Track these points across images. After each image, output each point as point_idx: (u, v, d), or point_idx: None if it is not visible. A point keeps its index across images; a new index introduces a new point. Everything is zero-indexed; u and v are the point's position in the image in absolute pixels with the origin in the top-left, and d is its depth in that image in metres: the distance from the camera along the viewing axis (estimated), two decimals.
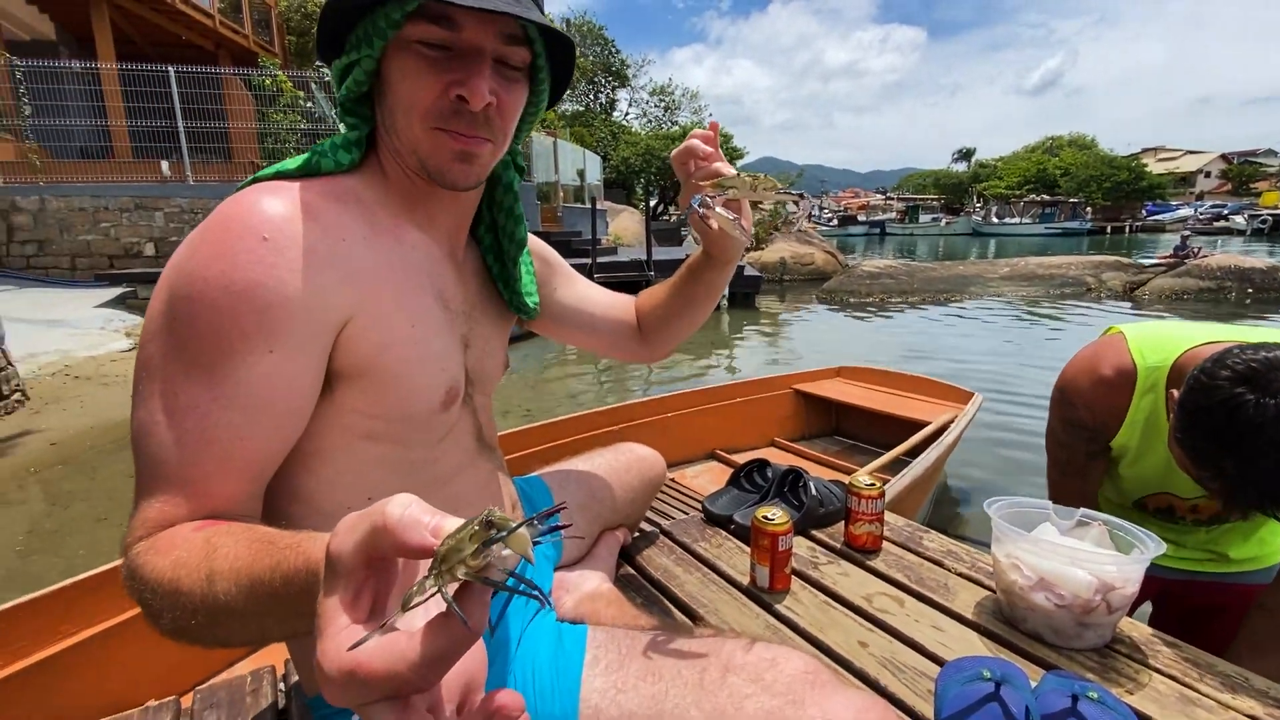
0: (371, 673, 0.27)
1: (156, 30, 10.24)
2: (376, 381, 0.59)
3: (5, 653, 0.96)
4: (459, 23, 0.56)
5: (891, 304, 9.87)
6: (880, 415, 2.51)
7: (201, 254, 0.51)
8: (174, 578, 0.44)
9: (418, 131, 0.59)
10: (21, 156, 7.65)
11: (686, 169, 0.74)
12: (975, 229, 45.34)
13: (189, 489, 0.50)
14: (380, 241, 0.60)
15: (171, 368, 0.50)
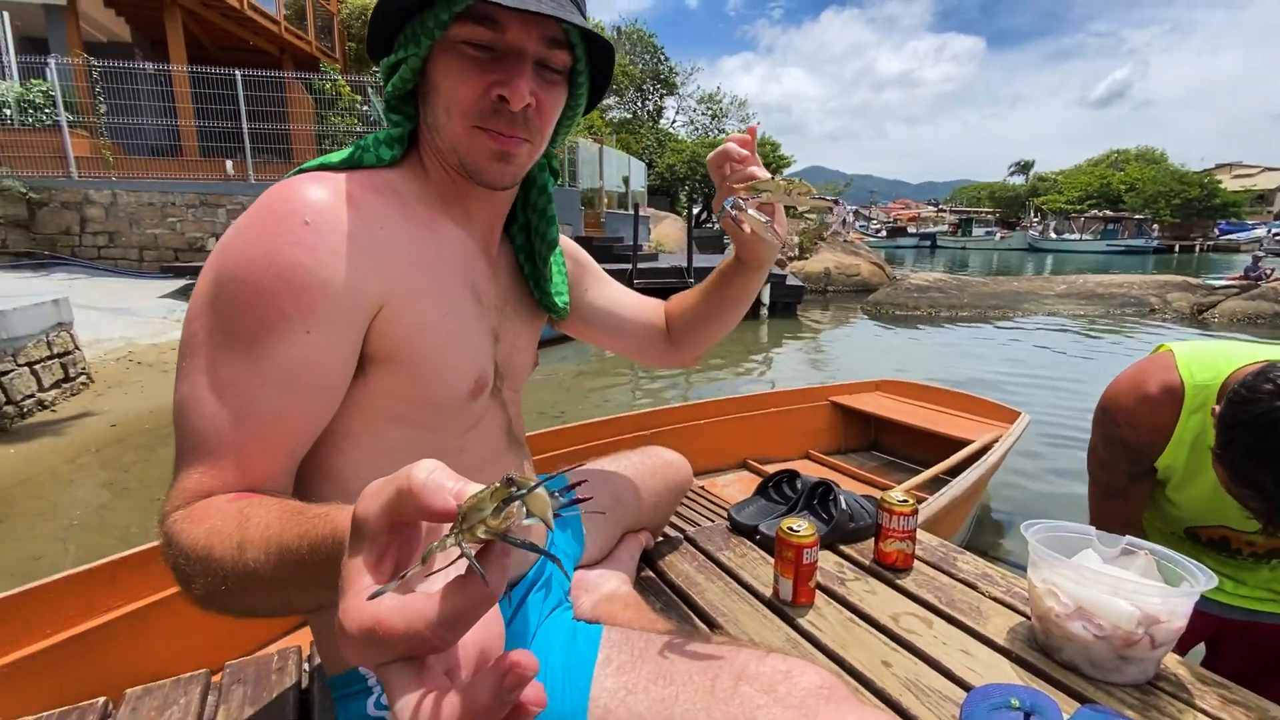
0: (390, 631, 0.27)
1: (225, 35, 10.77)
2: (407, 366, 0.60)
3: (54, 621, 1.02)
4: (503, 24, 0.57)
5: (940, 319, 9.61)
6: (920, 432, 2.44)
7: (246, 236, 0.53)
8: (207, 545, 0.45)
9: (459, 129, 0.60)
10: (96, 152, 8.13)
11: (722, 172, 0.73)
12: (1031, 244, 43.85)
13: (226, 461, 0.52)
14: (416, 232, 0.62)
15: (214, 344, 0.52)
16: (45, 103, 7.98)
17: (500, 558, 0.28)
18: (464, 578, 0.27)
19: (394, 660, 0.28)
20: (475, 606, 0.27)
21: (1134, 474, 1.09)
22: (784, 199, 0.71)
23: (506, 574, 0.28)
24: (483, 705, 0.26)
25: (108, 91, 8.38)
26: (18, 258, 7.62)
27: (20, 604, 0.99)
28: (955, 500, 1.74)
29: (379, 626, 0.27)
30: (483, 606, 0.27)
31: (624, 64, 24.58)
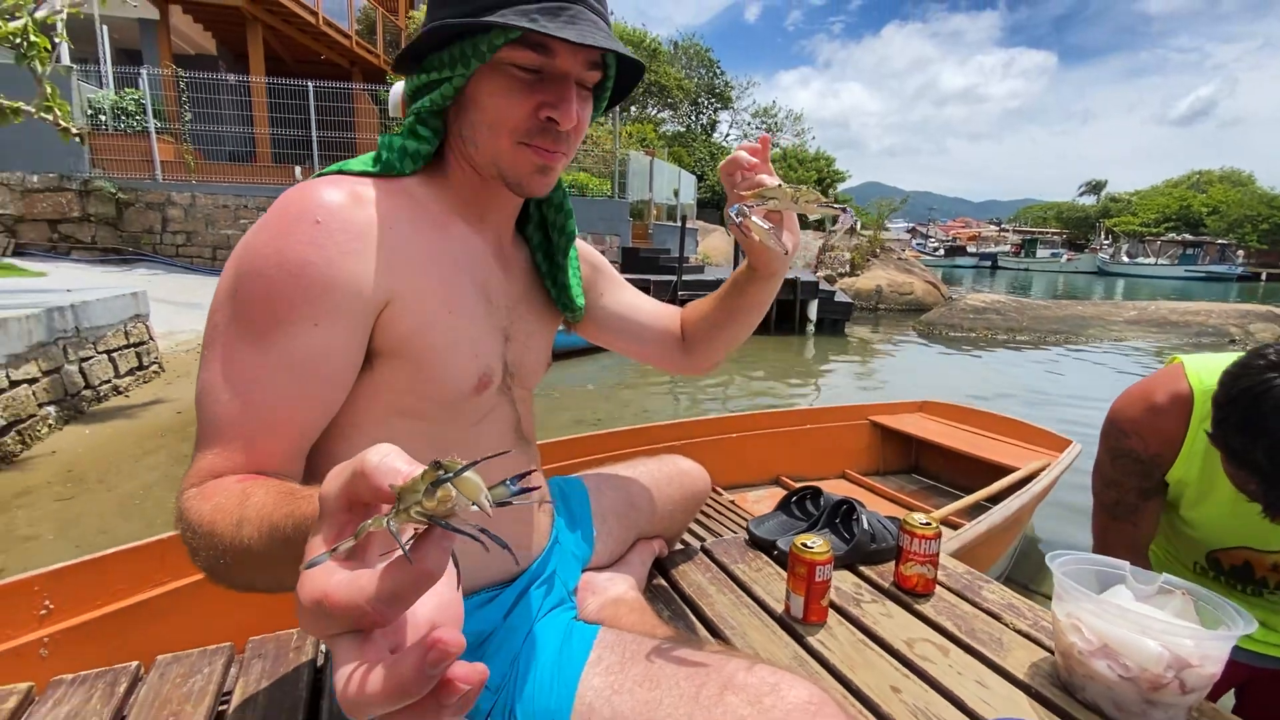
0: (335, 604, 0.29)
1: (301, 48, 11.40)
2: (411, 361, 0.63)
3: (107, 592, 1.10)
4: (554, 50, 0.61)
5: (996, 341, 9.24)
6: (963, 456, 2.36)
7: (263, 234, 0.57)
8: (211, 520, 0.48)
9: (504, 146, 0.63)
10: (179, 157, 8.72)
11: (732, 179, 0.73)
12: (1101, 267, 41.77)
13: (236, 445, 0.55)
14: (426, 233, 0.64)
15: (230, 334, 0.56)
16: (137, 110, 8.61)
17: (438, 541, 0.28)
18: (401, 557, 0.28)
19: (341, 632, 0.30)
20: (411, 585, 0.28)
21: (1144, 489, 1.04)
22: (791, 206, 0.71)
23: (446, 557, 0.28)
24: (405, 678, 0.27)
25: (193, 100, 8.99)
26: (105, 253, 8.21)
27: (80, 573, 1.08)
28: (993, 529, 1.67)
29: (325, 599, 0.29)
30: (420, 585, 0.28)
31: (679, 78, 24.75)
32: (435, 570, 0.28)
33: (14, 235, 7.98)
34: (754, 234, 0.70)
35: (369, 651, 0.29)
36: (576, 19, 0.59)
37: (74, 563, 1.06)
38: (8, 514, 2.75)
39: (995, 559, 1.98)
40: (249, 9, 9.74)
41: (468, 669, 0.28)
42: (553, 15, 0.58)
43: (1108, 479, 1.08)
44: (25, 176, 7.89)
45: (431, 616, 0.31)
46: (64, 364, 3.76)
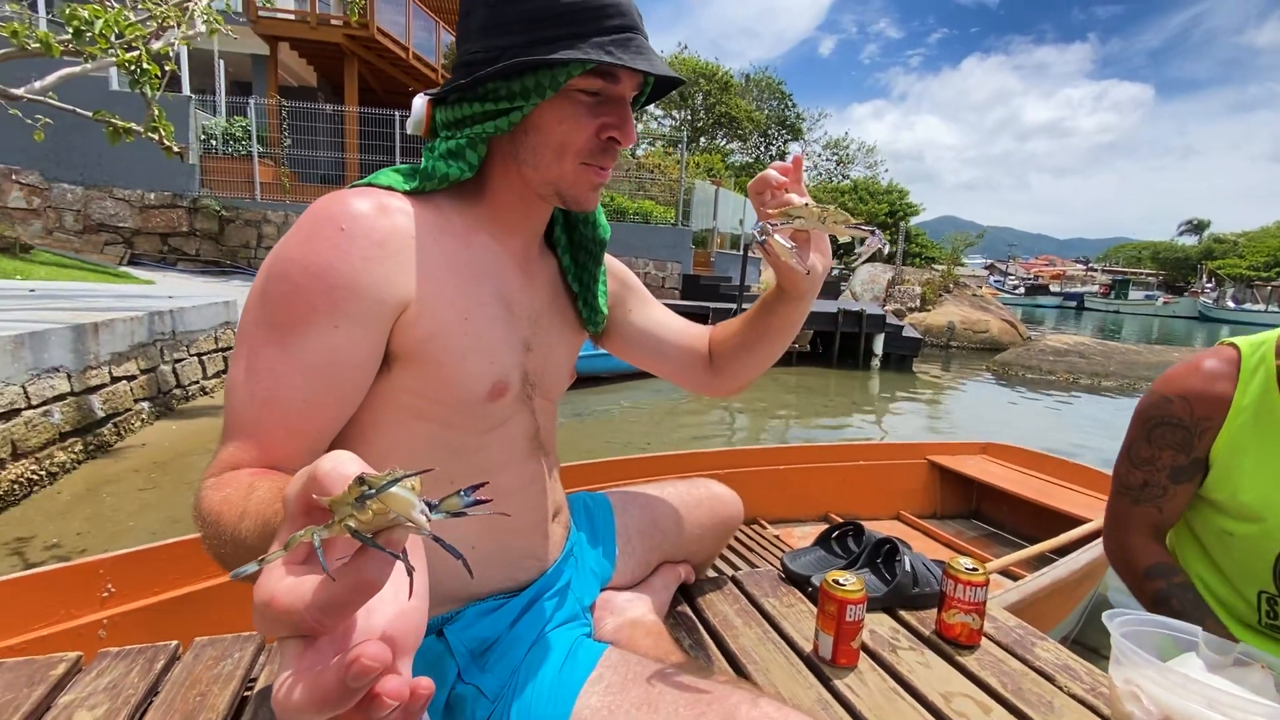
0: (278, 607, 0.29)
1: (392, 80, 12.18)
2: (426, 365, 0.64)
3: (163, 580, 1.16)
4: (619, 77, 0.65)
5: (1078, 386, 8.67)
6: (1029, 503, 2.20)
7: (292, 240, 0.60)
8: (219, 511, 0.50)
9: (568, 167, 0.66)
10: (276, 179, 9.43)
11: (761, 198, 0.73)
12: (1203, 312, 38.72)
13: (255, 440, 0.57)
14: (448, 243, 0.66)
15: (257, 334, 0.59)
16: (243, 136, 9.40)
17: (375, 557, 0.28)
18: (343, 568, 0.28)
19: (288, 636, 0.30)
20: (346, 596, 0.28)
21: (1177, 469, 0.96)
22: (818, 226, 0.69)
23: (384, 568, 0.28)
24: (327, 690, 0.27)
25: (292, 127, 9.74)
26: (206, 265, 8.92)
27: (140, 560, 1.15)
28: (1058, 583, 1.54)
29: (272, 602, 0.29)
30: (356, 596, 0.28)
31: (749, 110, 24.89)
32: (372, 582, 0.28)
33: (131, 246, 8.81)
34: (777, 252, 0.69)
35: (308, 658, 0.29)
36: (643, 49, 0.63)
37: (135, 550, 1.14)
38: (97, 498, 2.98)
39: (1059, 618, 1.82)
40: (348, 45, 10.53)
41: (398, 684, 0.27)
42: (623, 46, 0.62)
43: (1139, 458, 1.01)
44: (144, 194, 8.75)
45: (386, 627, 0.31)
46: (160, 364, 4.08)
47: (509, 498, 0.74)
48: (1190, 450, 0.95)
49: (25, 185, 8.48)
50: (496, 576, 0.74)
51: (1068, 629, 1.99)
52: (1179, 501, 1.00)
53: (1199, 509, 1.04)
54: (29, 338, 2.93)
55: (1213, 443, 0.94)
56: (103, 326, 3.48)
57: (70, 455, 3.20)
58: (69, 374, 3.20)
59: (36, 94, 2.58)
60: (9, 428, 2.80)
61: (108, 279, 6.49)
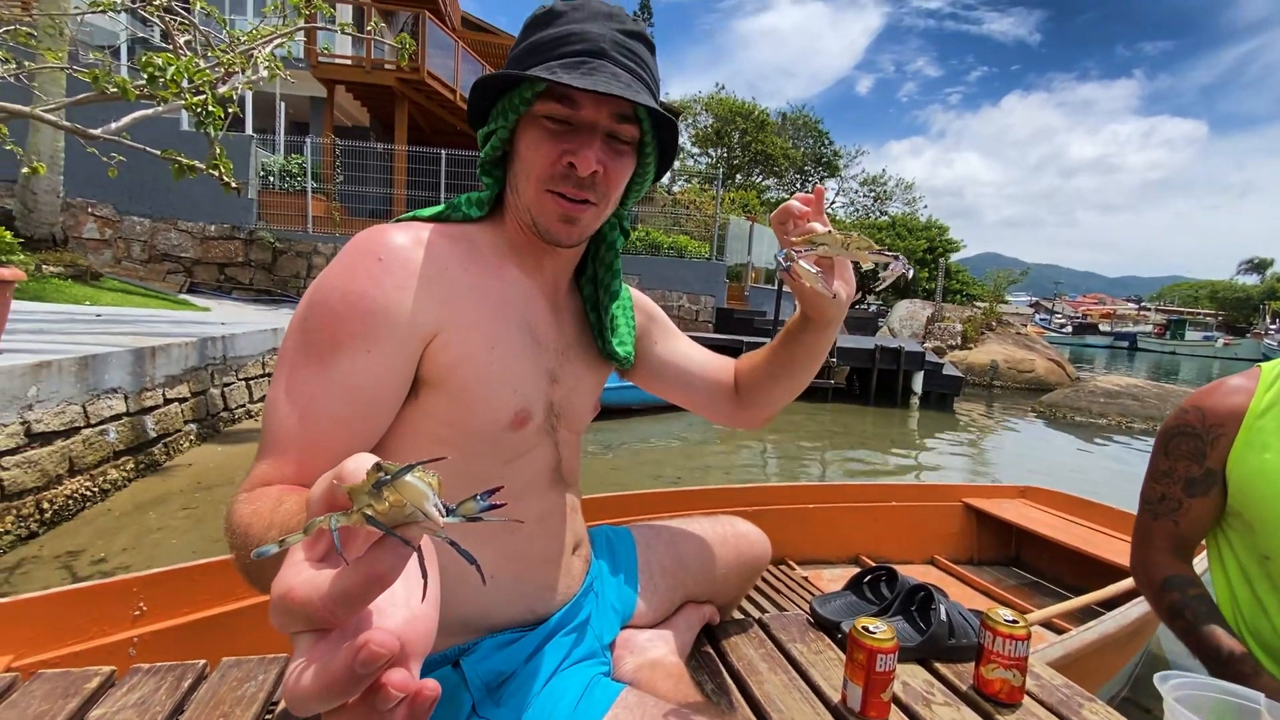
0: (294, 600, 0.30)
1: (439, 120, 12.73)
2: (452, 391, 0.66)
3: (193, 601, 1.18)
4: (578, 102, 0.66)
5: (1132, 430, 8.27)
6: (1072, 552, 2.09)
7: (333, 270, 0.63)
8: (248, 523, 0.52)
9: (533, 193, 0.68)
10: (328, 213, 9.88)
11: (784, 227, 0.74)
12: (1267, 354, 36.84)
13: (288, 457, 0.59)
14: (480, 273, 0.69)
15: (296, 357, 0.61)
16: (299, 173, 9.90)
17: (392, 547, 0.29)
18: (358, 560, 0.29)
19: (302, 630, 0.30)
20: (360, 587, 0.28)
21: (1191, 481, 0.96)
22: (842, 252, 0.70)
23: (398, 562, 0.29)
24: (335, 676, 0.27)
25: (345, 164, 10.23)
26: (259, 294, 9.33)
27: (172, 580, 1.17)
28: (1106, 639, 1.45)
29: (288, 595, 0.30)
30: (369, 588, 0.28)
31: (785, 147, 25.10)
32: (385, 574, 0.28)
33: (190, 275, 9.28)
34: (802, 278, 0.70)
35: (319, 649, 0.30)
36: (595, 71, 0.64)
37: (167, 569, 1.16)
38: (144, 516, 3.08)
39: (1107, 677, 1.71)
40: (399, 88, 11.08)
41: (404, 677, 0.28)
42: (571, 69, 0.63)
43: (1157, 472, 1.03)
44: (205, 226, 9.26)
45: (397, 628, 0.31)
46: (209, 387, 4.24)
47: (528, 528, 0.74)
48: (1203, 459, 0.97)
49: (99, 217, 9.06)
50: (514, 609, 0.74)
51: (1116, 688, 1.86)
52: (1195, 516, 1.01)
53: (1233, 537, 1.03)
54: (92, 360, 3.09)
55: (1227, 454, 0.95)
56: (159, 351, 3.65)
57: (122, 473, 3.33)
58: (126, 395, 3.35)
59: (112, 134, 2.79)
60: (68, 445, 2.94)
61: (168, 305, 6.84)
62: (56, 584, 1.50)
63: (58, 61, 3.17)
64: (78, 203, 8.81)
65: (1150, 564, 1.06)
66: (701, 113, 25.55)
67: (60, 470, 2.91)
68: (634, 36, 0.67)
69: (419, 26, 10.86)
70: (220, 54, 2.77)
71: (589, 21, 0.66)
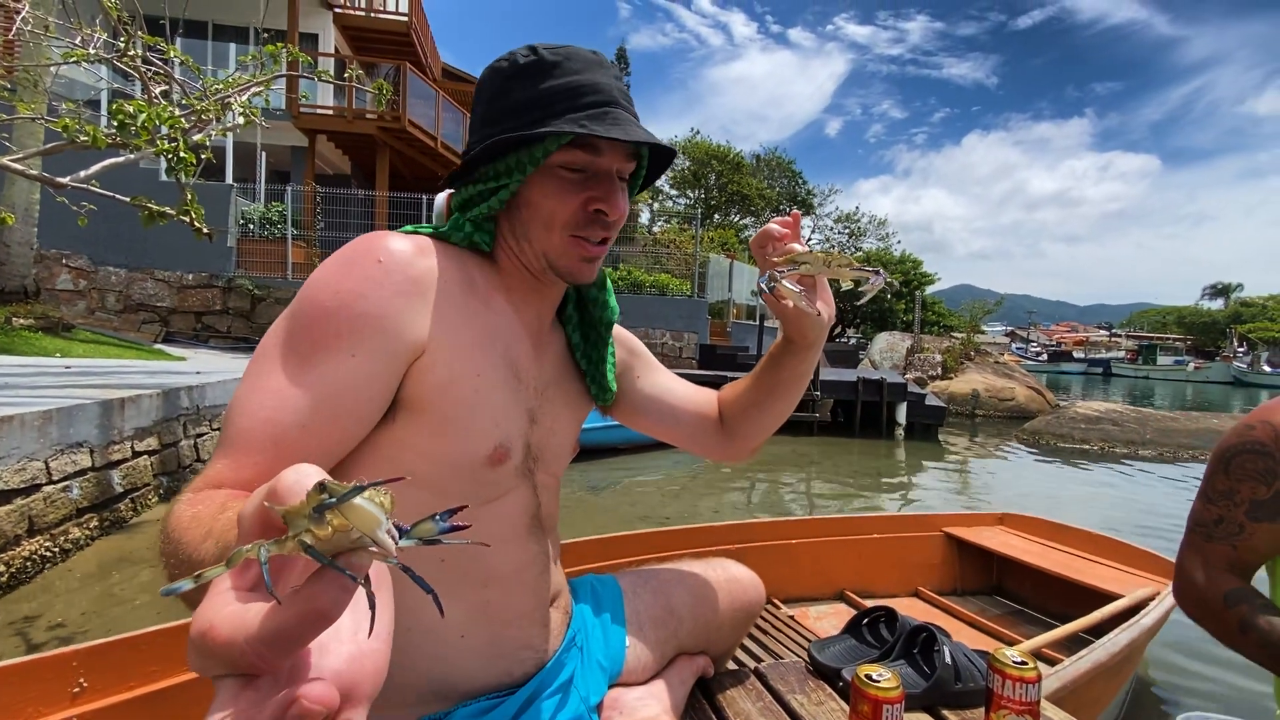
0: (215, 640, 0.26)
1: (420, 167, 12.87)
2: (431, 417, 0.62)
3: (141, 673, 1.04)
4: (601, 150, 0.67)
5: (1114, 455, 8.34)
6: (1055, 578, 2.05)
7: (329, 266, 0.61)
8: (184, 528, 0.46)
9: (556, 240, 0.67)
10: (309, 259, 9.85)
11: (764, 251, 0.75)
12: (1238, 377, 37.73)
13: (246, 459, 0.54)
14: (472, 300, 0.67)
15: (273, 353, 0.58)
16: (279, 220, 9.89)
17: (334, 578, 0.25)
18: (294, 594, 0.25)
19: (224, 675, 0.26)
20: (296, 627, 0.24)
21: (1255, 503, 0.86)
22: (824, 270, 0.72)
23: (341, 596, 0.25)
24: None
25: (325, 211, 10.25)
26: (237, 341, 9.19)
27: (116, 651, 1.03)
28: (1100, 668, 1.41)
29: (208, 633, 0.26)
30: (307, 628, 0.24)
31: (761, 188, 25.74)
32: (327, 610, 0.24)
33: (166, 324, 9.14)
34: (786, 298, 0.71)
35: (244, 699, 0.25)
36: (619, 120, 0.64)
37: (110, 640, 1.03)
38: (107, 577, 2.93)
39: (1104, 705, 1.66)
40: (381, 136, 11.21)
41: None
42: (599, 119, 0.64)
43: (1216, 492, 0.91)
44: (182, 275, 9.16)
45: (340, 668, 0.27)
46: (180, 439, 4.11)
47: (504, 580, 0.69)
48: (1272, 481, 0.86)
49: (74, 268, 8.93)
50: (490, 671, 0.68)
51: (1112, 715, 1.81)
52: (1258, 543, 0.89)
53: None
54: (56, 413, 2.97)
55: None
56: (129, 402, 3.54)
57: (85, 532, 3.18)
58: (92, 449, 3.23)
59: (81, 182, 2.75)
60: (28, 503, 2.80)
61: (143, 356, 6.69)
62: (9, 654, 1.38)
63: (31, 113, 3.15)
64: (52, 254, 8.70)
65: (1204, 585, 0.93)
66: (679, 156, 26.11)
67: (19, 530, 2.76)
68: (622, 80, 0.70)
69: (400, 77, 11.07)
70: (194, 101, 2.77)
71: (590, 72, 0.66)
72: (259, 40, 3.52)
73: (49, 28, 2.97)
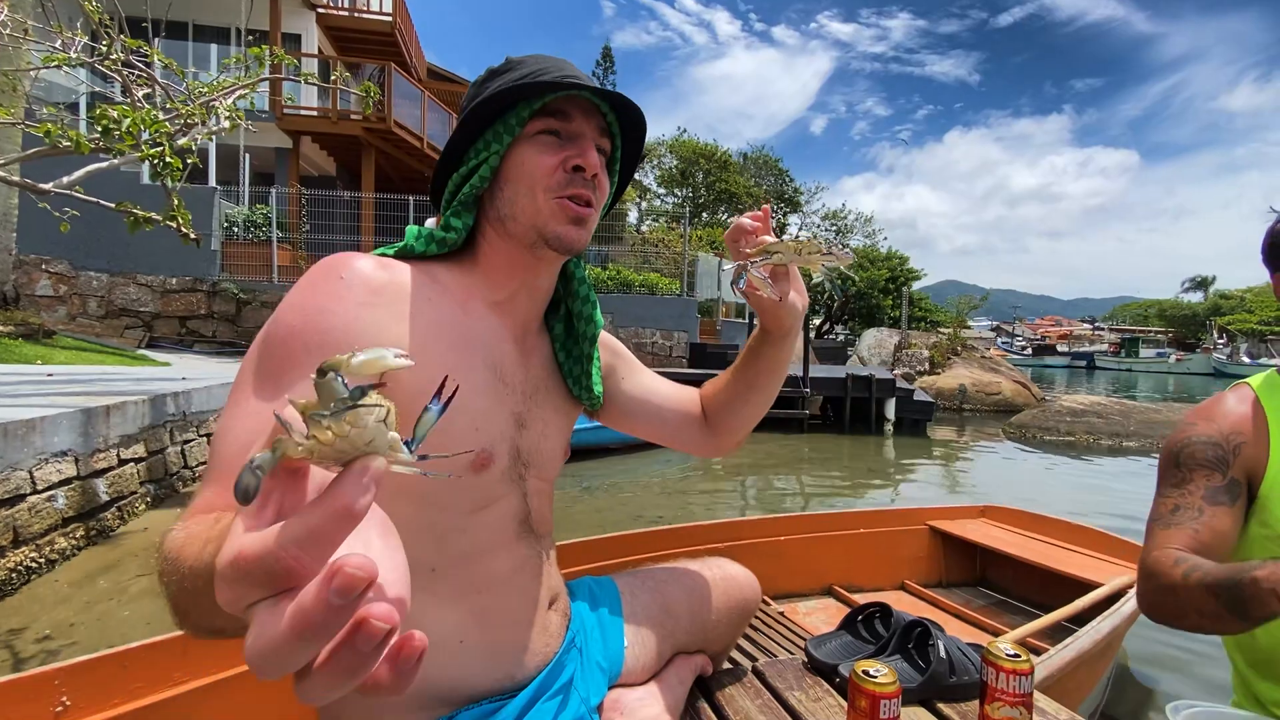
0: (247, 557, 0.26)
1: (406, 168, 12.79)
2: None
3: (125, 690, 1.02)
4: (570, 115, 0.70)
5: (1099, 447, 8.46)
6: (1036, 569, 2.09)
7: (294, 290, 0.62)
8: (181, 545, 0.46)
9: (541, 202, 0.69)
10: (294, 262, 9.75)
11: (737, 244, 0.77)
12: (1218, 368, 38.36)
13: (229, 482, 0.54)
14: (443, 304, 0.68)
15: (249, 378, 0.58)
16: (264, 222, 9.79)
17: (357, 475, 0.27)
18: (320, 495, 0.26)
19: (262, 596, 0.27)
20: (326, 521, 0.25)
21: (1212, 489, 0.87)
22: (795, 259, 0.75)
23: (363, 493, 0.26)
24: (305, 614, 0.24)
25: (311, 214, 10.16)
26: (222, 346, 9.08)
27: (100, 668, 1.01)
28: (1084, 655, 1.43)
29: (239, 556, 0.27)
30: (338, 523, 0.25)
31: (748, 185, 25.81)
32: (353, 506, 0.26)
33: (150, 330, 9.02)
34: (758, 288, 0.74)
35: (282, 604, 0.26)
36: (581, 81, 0.69)
37: (94, 657, 1.01)
38: (93, 586, 2.89)
39: (1087, 691, 1.69)
40: (366, 137, 11.13)
41: (386, 609, 0.24)
42: (560, 82, 0.68)
43: (1170, 485, 0.93)
44: (165, 279, 9.04)
45: (390, 591, 0.28)
46: (167, 446, 4.06)
47: (498, 585, 0.70)
48: (1224, 467, 0.89)
49: (54, 274, 8.79)
50: (489, 675, 0.69)
51: (1095, 703, 1.85)
52: (1218, 526, 0.87)
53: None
54: (39, 422, 2.93)
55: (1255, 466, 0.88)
56: (114, 410, 3.49)
57: (71, 542, 3.13)
58: (76, 458, 3.18)
59: (64, 189, 2.71)
60: (12, 514, 2.76)
61: (126, 362, 6.60)
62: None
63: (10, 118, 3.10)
64: (31, 259, 8.55)
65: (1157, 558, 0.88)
66: (666, 155, 26.19)
67: (3, 541, 2.72)
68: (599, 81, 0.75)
69: (385, 78, 10.99)
70: (180, 105, 2.74)
71: (558, 64, 0.70)
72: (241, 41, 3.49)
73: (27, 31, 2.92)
